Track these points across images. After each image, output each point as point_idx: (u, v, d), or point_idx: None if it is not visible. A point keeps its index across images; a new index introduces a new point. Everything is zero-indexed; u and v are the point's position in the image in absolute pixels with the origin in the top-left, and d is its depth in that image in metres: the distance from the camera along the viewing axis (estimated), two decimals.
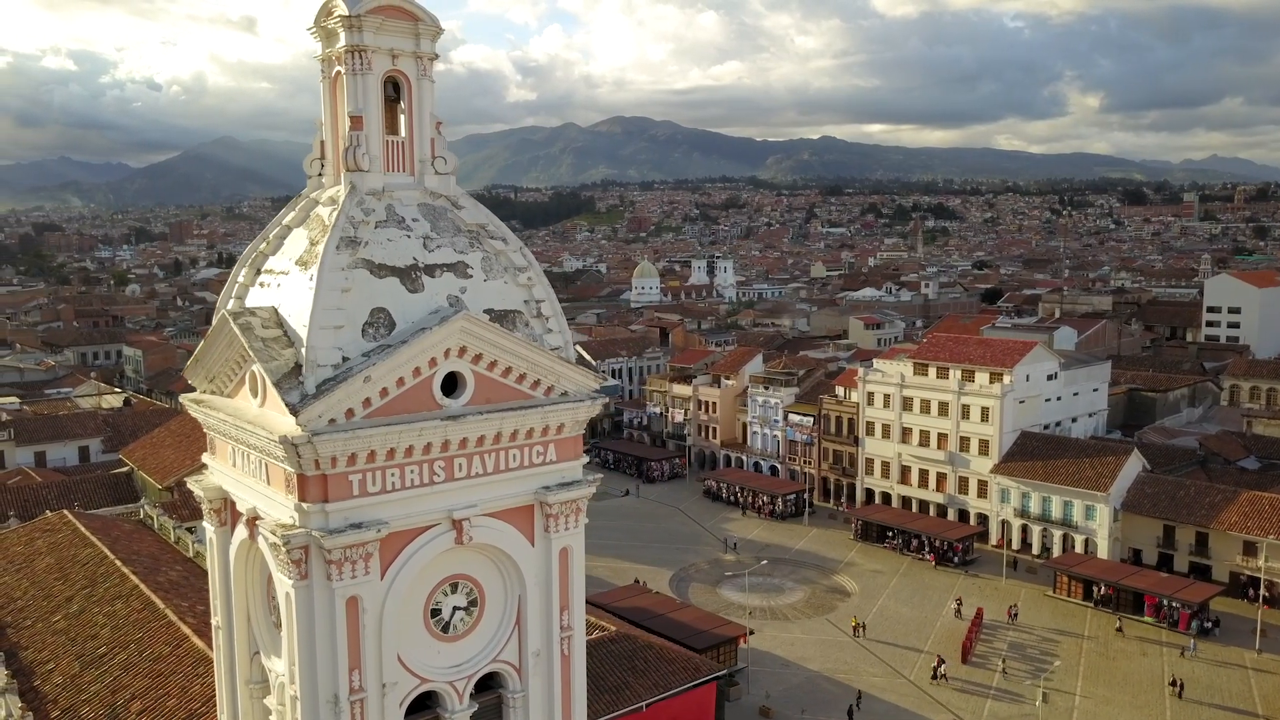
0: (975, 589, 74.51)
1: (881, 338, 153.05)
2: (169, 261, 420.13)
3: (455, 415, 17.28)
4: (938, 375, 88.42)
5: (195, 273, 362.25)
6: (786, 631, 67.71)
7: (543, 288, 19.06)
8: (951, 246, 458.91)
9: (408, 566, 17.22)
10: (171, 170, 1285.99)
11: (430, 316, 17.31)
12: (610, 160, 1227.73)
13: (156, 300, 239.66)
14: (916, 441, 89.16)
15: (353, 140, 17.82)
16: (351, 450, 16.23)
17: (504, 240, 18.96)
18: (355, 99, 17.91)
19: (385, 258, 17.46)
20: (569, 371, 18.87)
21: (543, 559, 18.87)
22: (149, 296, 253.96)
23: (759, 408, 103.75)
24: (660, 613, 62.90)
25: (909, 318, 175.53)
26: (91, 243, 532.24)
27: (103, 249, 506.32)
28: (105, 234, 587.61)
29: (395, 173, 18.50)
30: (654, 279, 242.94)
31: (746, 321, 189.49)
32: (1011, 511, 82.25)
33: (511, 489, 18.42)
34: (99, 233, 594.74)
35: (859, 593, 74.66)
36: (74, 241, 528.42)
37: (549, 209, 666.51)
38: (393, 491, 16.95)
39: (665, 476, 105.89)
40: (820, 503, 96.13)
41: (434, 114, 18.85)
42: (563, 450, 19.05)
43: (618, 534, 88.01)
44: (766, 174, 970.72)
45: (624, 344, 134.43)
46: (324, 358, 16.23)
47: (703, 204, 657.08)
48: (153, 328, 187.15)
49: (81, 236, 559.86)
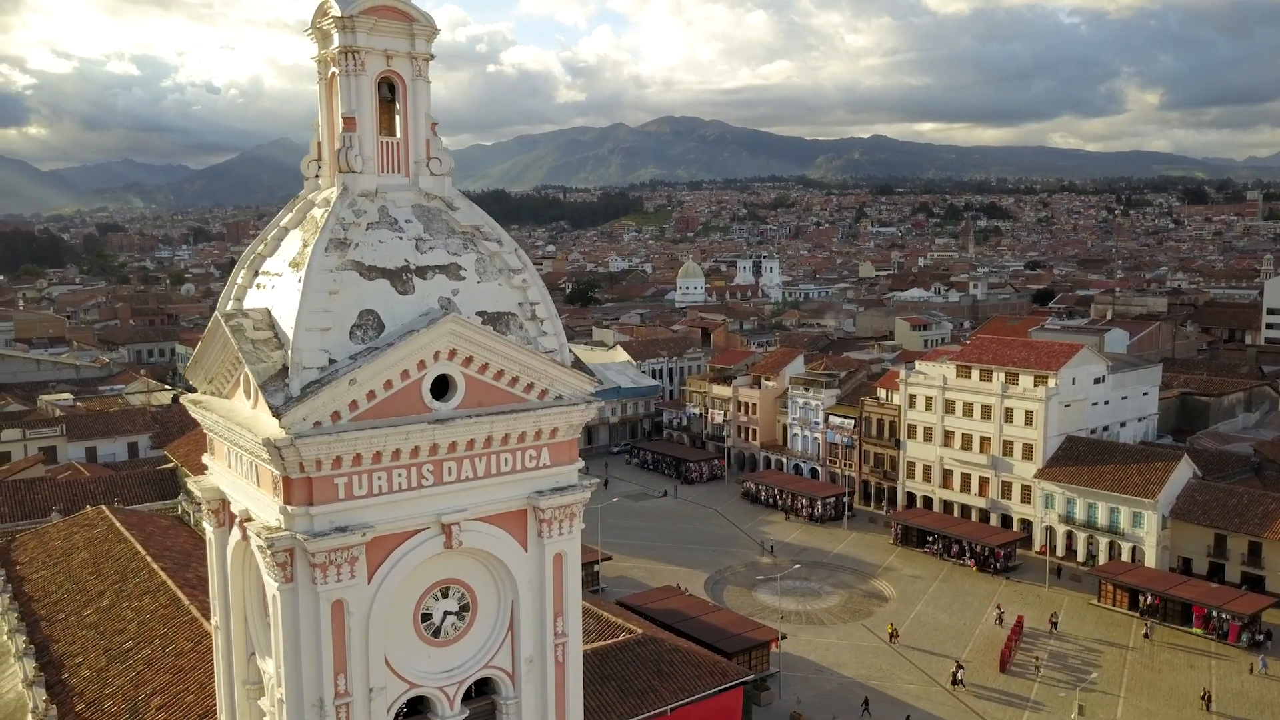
0: (1017, 596, 73.01)
1: (928, 339, 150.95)
2: (225, 261, 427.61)
3: (443, 419, 17.15)
4: (981, 378, 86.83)
5: None
6: (821, 636, 66.89)
7: (538, 290, 18.84)
8: (1004, 246, 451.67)
9: (396, 570, 17.12)
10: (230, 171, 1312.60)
11: (420, 319, 17.19)
12: (659, 160, 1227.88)
13: (210, 299, 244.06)
14: (959, 445, 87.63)
15: (345, 141, 17.77)
16: (336, 453, 16.15)
17: (499, 242, 18.78)
18: (349, 100, 17.86)
19: (376, 259, 17.37)
20: (563, 375, 18.63)
21: (536, 564, 18.67)
22: (203, 295, 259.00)
23: (799, 409, 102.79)
24: (693, 615, 62.51)
25: (956, 319, 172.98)
26: (152, 243, 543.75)
27: (162, 249, 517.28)
28: (165, 234, 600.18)
29: (390, 174, 18.43)
30: (699, 279, 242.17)
31: (791, 322, 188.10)
32: (1056, 518, 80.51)
33: (503, 493, 18.24)
34: (159, 233, 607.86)
35: (897, 598, 73.54)
36: (135, 241, 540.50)
37: (597, 209, 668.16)
38: (379, 495, 16.85)
39: (704, 478, 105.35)
40: (860, 506, 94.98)
41: (429, 115, 18.76)
42: (556, 454, 18.83)
43: (654, 535, 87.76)
44: (816, 173, 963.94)
45: (665, 344, 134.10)
46: (309, 360, 16.18)
47: (751, 204, 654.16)
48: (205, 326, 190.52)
49: (142, 237, 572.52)
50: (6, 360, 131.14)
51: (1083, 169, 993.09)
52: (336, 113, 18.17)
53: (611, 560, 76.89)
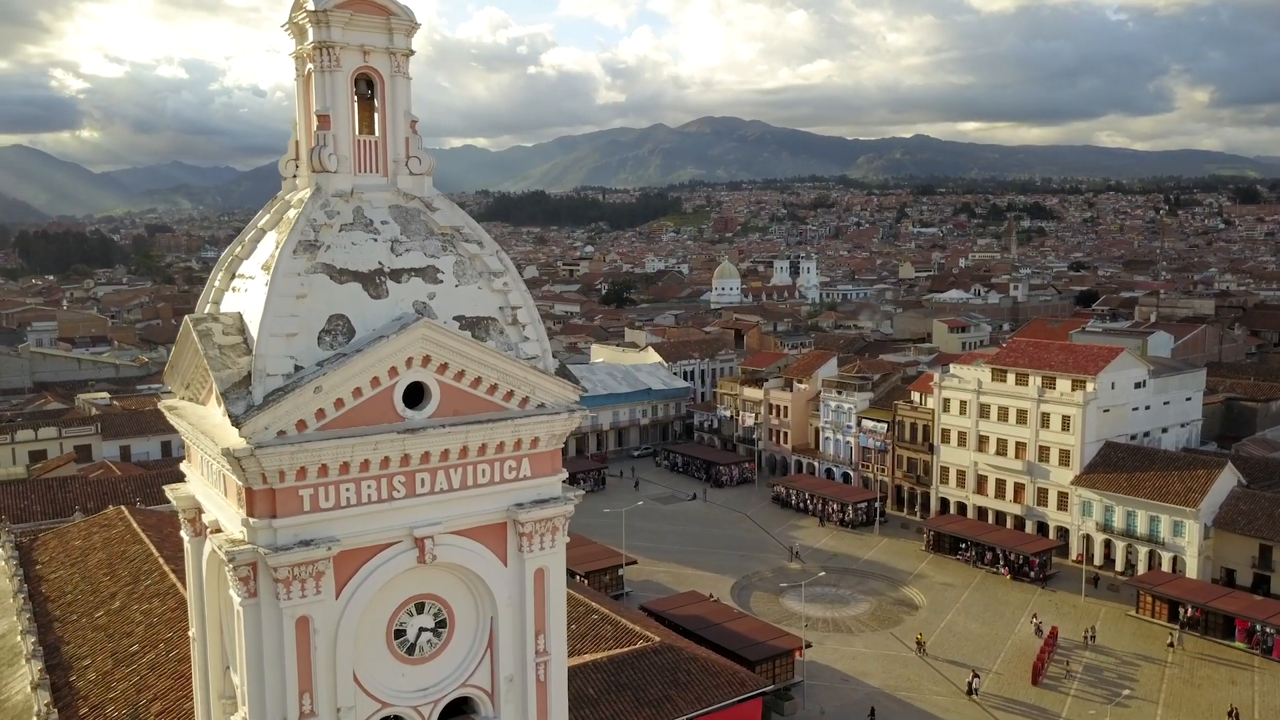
0: (1051, 606, 71.21)
1: (966, 341, 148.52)
2: None
3: (415, 428, 16.46)
4: (1017, 381, 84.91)
5: None
6: (848, 645, 65.63)
7: (520, 293, 18.10)
8: (1048, 247, 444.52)
9: (365, 585, 16.46)
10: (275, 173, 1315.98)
11: (392, 324, 16.52)
12: (699, 161, 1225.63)
13: None
14: (994, 450, 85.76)
15: (319, 140, 17.15)
16: (300, 464, 15.53)
17: (479, 244, 18.07)
18: (323, 97, 17.25)
19: (348, 262, 16.74)
20: (544, 382, 17.88)
21: (516, 580, 17.94)
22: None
23: (831, 412, 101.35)
24: (716, 622, 61.64)
25: (996, 320, 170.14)
26: (199, 243, 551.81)
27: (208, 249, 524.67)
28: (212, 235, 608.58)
29: (367, 174, 17.78)
30: (734, 279, 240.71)
31: (827, 323, 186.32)
32: (1093, 525, 78.49)
33: (481, 506, 17.53)
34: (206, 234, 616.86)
35: (927, 606, 72.05)
36: (182, 242, 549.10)
37: (636, 210, 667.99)
38: (348, 507, 16.20)
39: (734, 481, 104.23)
40: (893, 511, 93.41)
41: (409, 112, 18.09)
42: (538, 465, 18.07)
43: (682, 539, 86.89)
44: (857, 173, 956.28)
45: (697, 345, 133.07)
46: (274, 366, 15.57)
47: (791, 204, 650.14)
48: None
49: (190, 237, 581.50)
50: (49, 359, 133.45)
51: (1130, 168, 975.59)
52: (313, 111, 17.56)
53: (637, 564, 76.26)
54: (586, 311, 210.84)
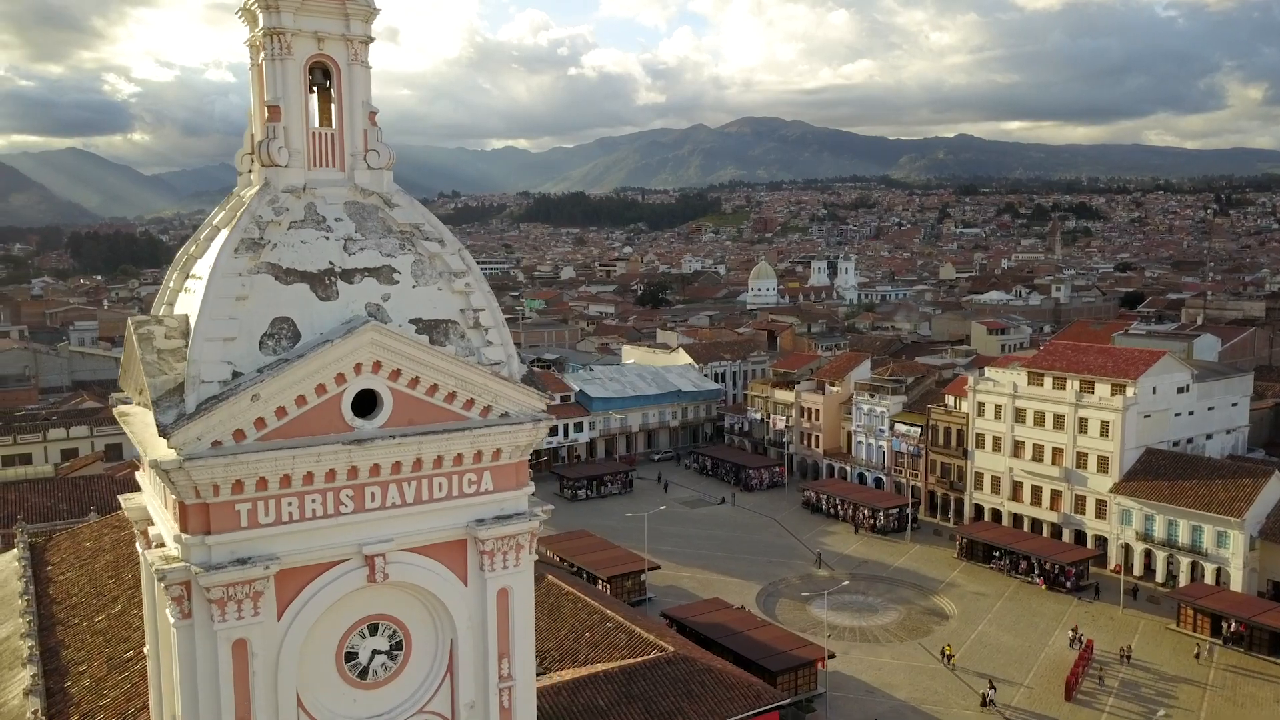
0: (1088, 618, 68.84)
1: (1006, 343, 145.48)
2: None
3: (362, 439, 15.44)
4: (1054, 385, 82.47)
5: None
6: (875, 655, 63.88)
7: (483, 295, 17.04)
8: (1093, 248, 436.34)
9: (310, 606, 15.48)
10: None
11: (341, 328, 15.52)
12: (739, 161, 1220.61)
13: None
14: (1030, 456, 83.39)
15: (268, 133, 16.22)
16: (236, 476, 14.57)
17: (440, 242, 17.04)
18: (274, 87, 16.30)
19: (295, 261, 15.77)
20: (507, 390, 16.79)
21: (477, 600, 16.88)
22: None
23: (864, 416, 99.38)
24: (738, 630, 60.27)
25: (1037, 322, 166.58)
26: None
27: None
28: None
29: (322, 168, 16.83)
30: (771, 280, 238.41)
31: (865, 325, 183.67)
32: (1133, 535, 75.92)
33: (437, 522, 16.50)
34: None
35: (958, 616, 70.02)
36: None
37: (675, 210, 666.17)
38: (289, 523, 15.23)
39: (764, 485, 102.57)
40: (926, 517, 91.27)
41: (368, 103, 17.08)
42: (501, 478, 16.99)
43: (708, 544, 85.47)
44: (899, 173, 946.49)
45: (729, 346, 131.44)
46: (209, 373, 14.63)
47: (831, 204, 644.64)
48: None
49: None
50: (88, 358, 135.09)
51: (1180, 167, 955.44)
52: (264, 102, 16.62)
53: (660, 569, 75.06)
54: (621, 312, 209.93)
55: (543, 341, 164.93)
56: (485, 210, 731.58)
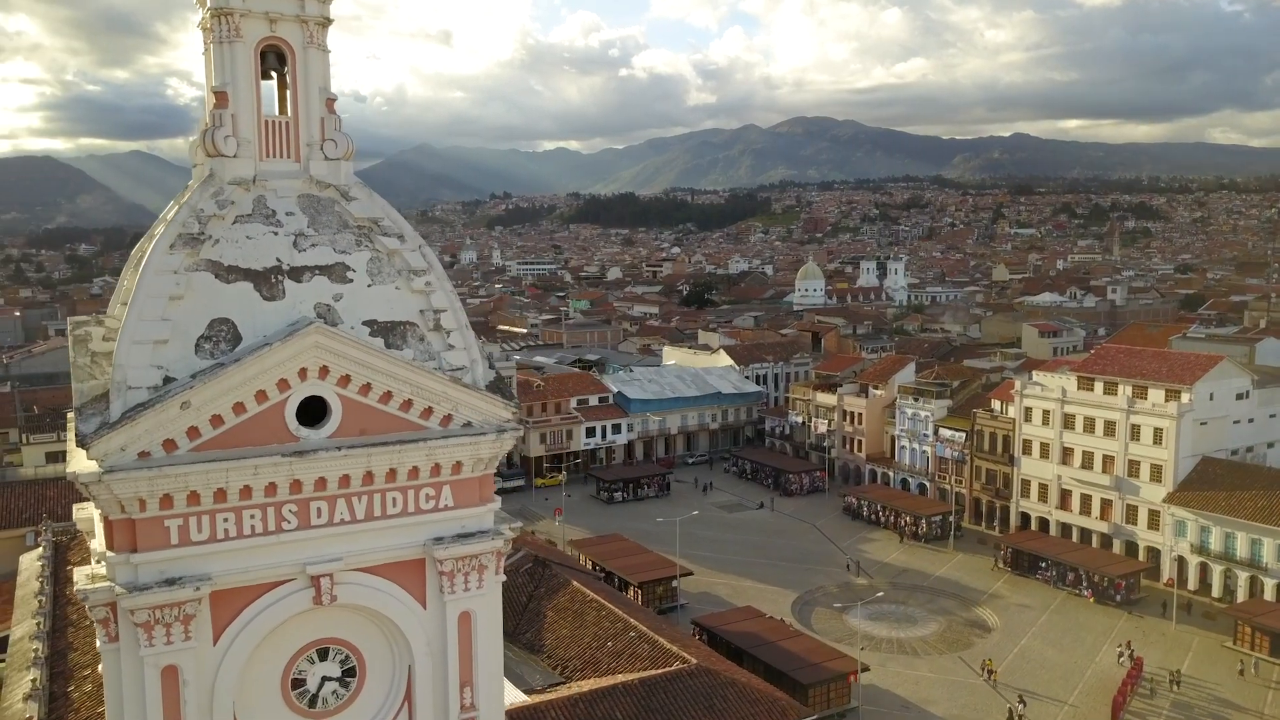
0: (1138, 633, 66.02)
1: (1058, 346, 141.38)
2: None
3: (304, 450, 14.27)
4: (1105, 390, 79.48)
5: None
6: (912, 668, 61.77)
7: (445, 295, 15.78)
8: (1153, 249, 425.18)
9: (250, 630, 14.35)
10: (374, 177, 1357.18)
11: (286, 329, 14.38)
12: (790, 161, 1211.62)
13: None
14: (1079, 463, 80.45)
15: (213, 121, 15.13)
16: (163, 490, 13.48)
17: (400, 237, 15.82)
18: (221, 72, 15.21)
19: (239, 258, 14.66)
20: (468, 398, 15.53)
21: (437, 625, 15.64)
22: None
23: (908, 420, 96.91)
24: (769, 640, 58.66)
25: (1091, 325, 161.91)
26: None
27: None
28: None
29: (276, 159, 15.69)
30: (818, 280, 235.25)
31: (913, 326, 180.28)
32: (1188, 547, 72.81)
33: (391, 540, 15.29)
34: None
35: (1001, 629, 67.59)
36: None
37: (724, 211, 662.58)
38: (225, 540, 14.12)
39: (804, 490, 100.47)
40: (970, 526, 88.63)
41: (326, 89, 15.92)
42: (462, 493, 15.73)
43: (745, 549, 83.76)
44: (953, 173, 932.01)
45: (771, 348, 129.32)
46: (137, 378, 13.55)
47: (883, 204, 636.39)
48: None
49: None
50: None
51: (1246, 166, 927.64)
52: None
53: (693, 575, 73.62)
54: (665, 313, 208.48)
55: (585, 342, 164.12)
56: (536, 211, 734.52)
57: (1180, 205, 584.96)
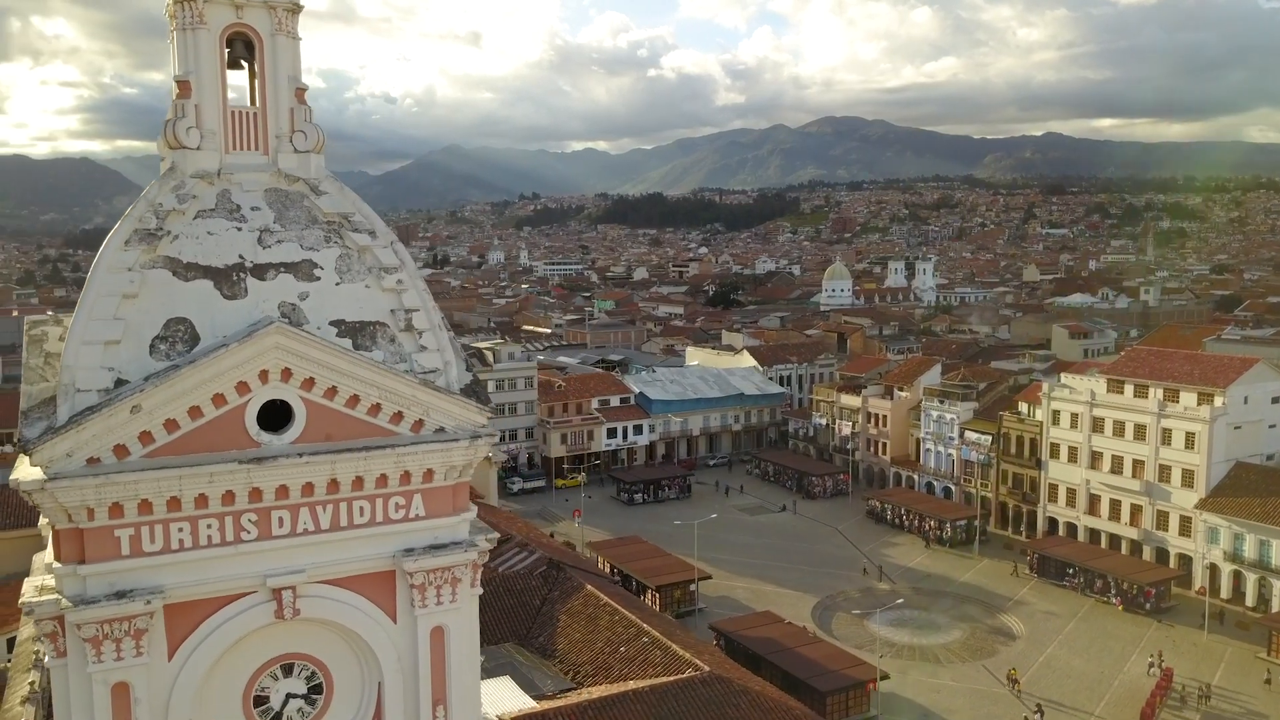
0: (1169, 642, 64.35)
1: (1089, 348, 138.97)
2: None
3: (262, 457, 13.57)
4: (1135, 393, 77.67)
5: None
6: (934, 676, 60.52)
7: (417, 293, 15.05)
8: (1188, 249, 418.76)
9: (208, 645, 13.67)
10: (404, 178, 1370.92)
11: (248, 330, 13.70)
12: (819, 161, 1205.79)
13: None
14: (1108, 468, 78.70)
15: (176, 111, 14.47)
16: (112, 499, 12.82)
17: (371, 233, 15.11)
18: (185, 60, 14.56)
19: (199, 255, 13.99)
20: (441, 402, 14.77)
21: (407, 639, 14.89)
22: None
23: (933, 423, 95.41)
24: (787, 646, 57.68)
25: (1123, 326, 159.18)
26: None
27: None
28: None
29: (243, 151, 15.01)
30: (845, 281, 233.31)
31: (941, 327, 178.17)
32: (1220, 554, 70.93)
33: (358, 551, 14.56)
34: None
35: (1026, 637, 66.13)
36: None
37: (753, 211, 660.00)
38: (180, 551, 13.44)
39: (827, 493, 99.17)
40: (996, 530, 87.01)
41: (296, 78, 15.23)
42: (434, 502, 14.98)
43: (766, 553, 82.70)
44: (984, 173, 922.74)
45: (795, 349, 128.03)
46: (86, 380, 12.91)
47: (913, 204, 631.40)
48: None
49: None
50: None
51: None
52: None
53: (712, 579, 72.71)
54: (689, 313, 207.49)
55: (609, 342, 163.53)
56: (564, 212, 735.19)
57: (1217, 205, 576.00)
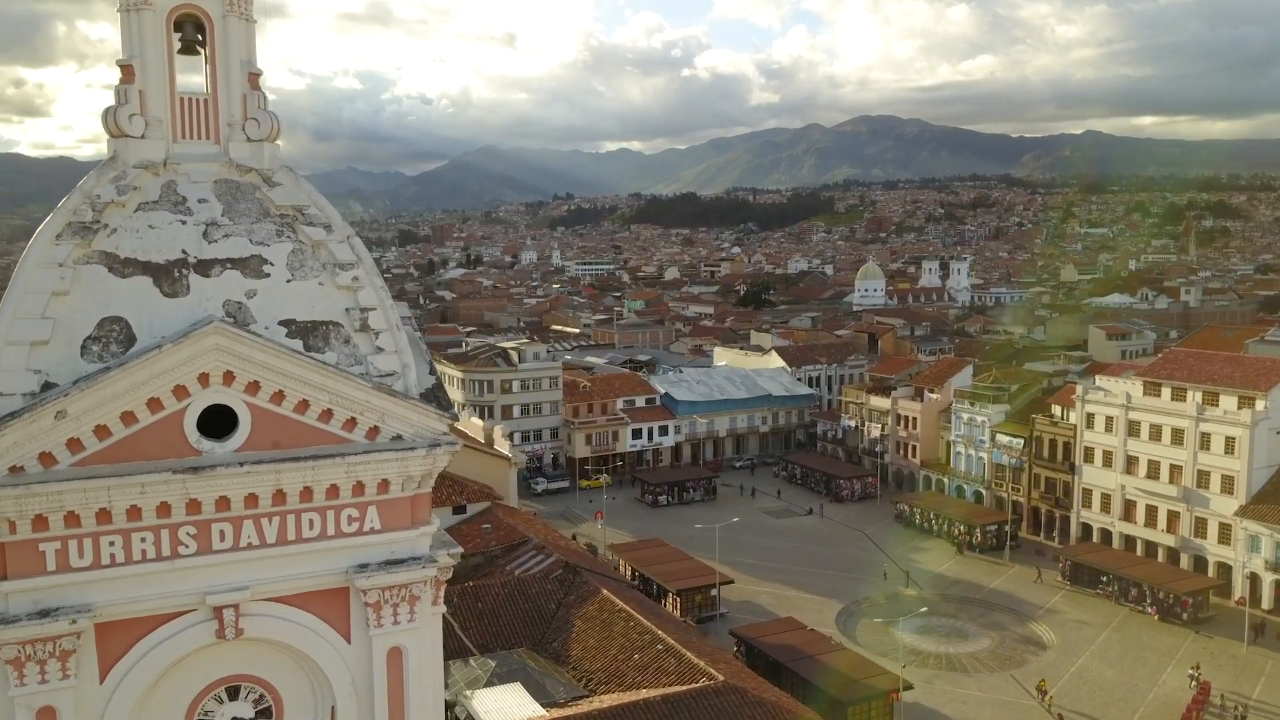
0: (1206, 654, 62.18)
1: (1126, 350, 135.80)
2: (425, 262, 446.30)
3: (199, 466, 12.67)
4: (1173, 397, 75.39)
5: (444, 273, 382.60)
6: (960, 686, 58.87)
7: (375, 291, 14.10)
8: (1232, 249, 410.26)
9: (144, 666, 12.80)
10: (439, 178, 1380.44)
11: (187, 329, 12.82)
12: (854, 160, 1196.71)
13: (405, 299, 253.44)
14: (1144, 473, 76.48)
15: (118, 97, 13.61)
16: (35, 510, 11.98)
17: (327, 227, 14.17)
18: (129, 43, 13.70)
19: (138, 250, 13.12)
20: (397, 408, 13.80)
21: (362, 662, 13.92)
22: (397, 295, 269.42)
23: (963, 425, 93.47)
24: (808, 654, 56.24)
25: (1163, 328, 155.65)
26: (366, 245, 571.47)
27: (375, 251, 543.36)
28: (379, 237, 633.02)
29: (193, 140, 14.13)
30: (879, 280, 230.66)
31: (974, 328, 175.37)
32: (1262, 564, 68.58)
33: (308, 567, 13.62)
34: (374, 236, 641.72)
35: (1057, 647, 64.26)
36: None
37: (786, 210, 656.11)
38: (111, 566, 12.57)
39: (855, 496, 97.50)
40: (1027, 536, 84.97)
41: (249, 62, 14.31)
42: (390, 515, 14.00)
43: (791, 557, 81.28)
44: (1022, 171, 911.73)
45: (824, 349, 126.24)
46: (9, 383, 12.09)
47: (949, 203, 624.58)
48: None
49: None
50: None
51: None
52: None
53: (735, 583, 71.47)
54: (719, 313, 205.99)
55: (637, 342, 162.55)
56: (598, 212, 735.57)
57: (1261, 203, 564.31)
